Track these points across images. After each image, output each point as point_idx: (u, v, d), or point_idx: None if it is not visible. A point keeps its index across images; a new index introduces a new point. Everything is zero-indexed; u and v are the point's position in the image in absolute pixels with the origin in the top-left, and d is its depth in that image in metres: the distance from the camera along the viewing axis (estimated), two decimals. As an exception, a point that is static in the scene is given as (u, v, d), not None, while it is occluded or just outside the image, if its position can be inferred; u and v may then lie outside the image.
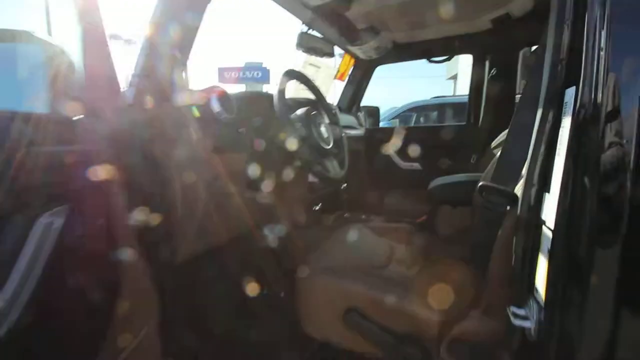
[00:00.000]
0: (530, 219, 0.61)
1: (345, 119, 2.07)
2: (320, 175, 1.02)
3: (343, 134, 1.62)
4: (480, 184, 0.70)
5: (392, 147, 2.25)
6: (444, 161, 2.13)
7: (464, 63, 11.87)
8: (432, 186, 1.31)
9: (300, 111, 1.10)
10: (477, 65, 2.04)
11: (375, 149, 2.29)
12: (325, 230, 1.54)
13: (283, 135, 0.99)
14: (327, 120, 1.23)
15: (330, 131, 1.20)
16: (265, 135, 1.05)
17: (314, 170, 0.99)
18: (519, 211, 0.64)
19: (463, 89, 12.12)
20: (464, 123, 2.18)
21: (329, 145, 1.13)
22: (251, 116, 1.03)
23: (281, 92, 0.99)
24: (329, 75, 2.12)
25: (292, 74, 1.10)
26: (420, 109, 5.28)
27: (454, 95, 5.51)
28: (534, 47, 2.01)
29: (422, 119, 5.48)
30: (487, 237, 0.71)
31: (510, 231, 0.69)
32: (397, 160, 2.23)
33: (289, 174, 1.18)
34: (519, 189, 0.69)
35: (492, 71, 1.92)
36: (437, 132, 2.19)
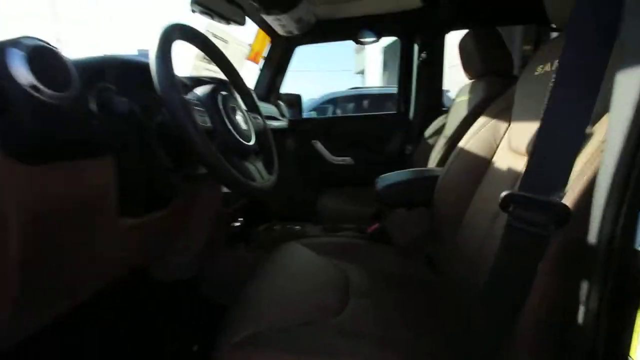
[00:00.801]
0: (614, 249, 0.37)
1: (263, 108, 1.71)
2: (241, 186, 0.66)
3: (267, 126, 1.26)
4: (506, 193, 0.44)
5: (320, 140, 1.96)
6: (378, 153, 1.93)
7: (371, 59, 12.43)
8: (381, 187, 1.05)
9: (201, 90, 0.70)
10: (406, 49, 1.88)
11: (301, 143, 1.98)
12: (250, 258, 1.17)
13: (175, 126, 0.59)
14: (244, 107, 0.86)
15: (250, 122, 0.84)
16: (141, 128, 0.63)
17: (228, 180, 0.62)
18: (592, 236, 0.39)
19: (371, 83, 12.72)
20: (394, 112, 2.01)
21: (249, 141, 0.77)
22: (112, 96, 0.60)
23: (163, 53, 0.59)
24: (240, 55, 1.71)
25: (182, 31, 0.68)
26: (338, 100, 5.17)
27: (371, 87, 5.55)
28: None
29: (339, 111, 5.40)
30: (514, 276, 0.45)
31: (561, 266, 0.44)
32: (327, 154, 1.96)
33: (187, 186, 0.78)
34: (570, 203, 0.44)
35: (422, 55, 1.77)
36: (367, 122, 1.99)
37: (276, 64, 1.92)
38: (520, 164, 0.73)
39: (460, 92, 1.55)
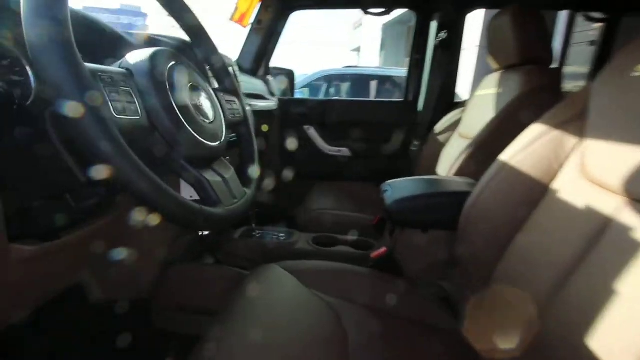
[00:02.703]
0: None
1: (248, 83, 1.42)
2: (190, 217, 0.41)
3: (248, 108, 0.99)
4: None
5: (313, 125, 1.70)
6: (379, 147, 1.69)
7: (368, 35, 11.89)
8: (391, 201, 0.82)
9: (134, 57, 0.43)
10: (422, 26, 1.60)
11: (291, 128, 1.71)
12: (218, 276, 0.94)
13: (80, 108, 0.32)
14: (210, 84, 0.59)
15: (221, 109, 0.57)
16: (33, 121, 0.36)
17: (164, 210, 0.37)
18: None
19: (367, 61, 12.22)
20: (401, 100, 1.76)
21: (216, 139, 0.50)
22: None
23: None
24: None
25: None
26: (332, 78, 4.83)
27: (367, 67, 5.21)
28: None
29: (332, 90, 5.07)
30: None
31: None
32: (321, 143, 1.70)
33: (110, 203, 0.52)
34: None
35: (440, 35, 1.50)
36: (368, 109, 1.72)
37: (267, 30, 1.61)
38: (607, 202, 0.51)
39: (484, 84, 1.31)
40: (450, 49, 1.51)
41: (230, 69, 0.98)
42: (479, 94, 1.32)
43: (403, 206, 0.81)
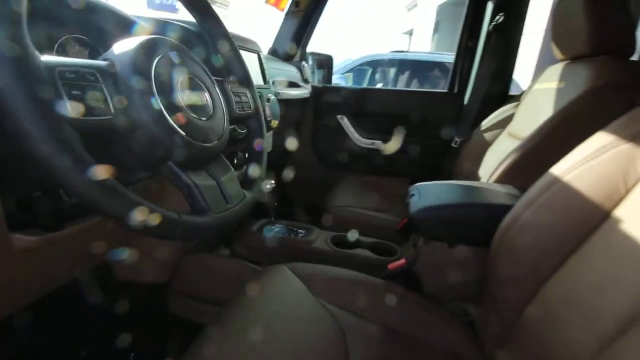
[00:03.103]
0: None
1: (281, 70, 1.37)
2: (171, 225, 0.37)
3: (272, 97, 0.94)
4: None
5: (347, 115, 1.61)
6: (416, 142, 1.56)
7: (423, 17, 11.18)
8: (416, 208, 0.73)
9: (121, 47, 0.38)
10: (475, 7, 1.42)
11: (324, 117, 1.64)
12: (231, 268, 0.92)
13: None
14: (216, 74, 0.54)
15: (220, 100, 0.52)
16: None
17: (114, 214, 0.33)
18: None
19: (418, 46, 11.54)
20: (444, 90, 1.60)
21: (213, 139, 0.46)
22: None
23: None
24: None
25: None
26: (377, 63, 4.63)
27: (417, 52, 4.90)
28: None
29: (377, 76, 4.86)
30: None
31: None
32: (354, 134, 1.62)
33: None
34: None
35: (498, 18, 1.32)
36: (408, 99, 1.59)
37: (305, 13, 1.53)
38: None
39: (545, 77, 1.13)
40: (506, 35, 1.33)
41: (250, 54, 0.94)
42: (537, 87, 1.15)
43: (429, 216, 0.72)
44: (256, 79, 0.96)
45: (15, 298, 0.52)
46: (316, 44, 1.67)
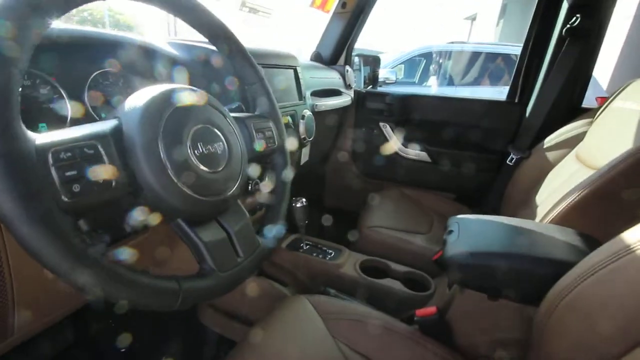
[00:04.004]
0: None
1: (323, 78, 1.32)
2: (165, 297, 0.36)
3: (296, 120, 0.91)
4: None
5: (390, 123, 1.52)
6: (466, 155, 1.43)
7: (489, 0, 10.19)
8: (454, 251, 0.66)
9: (134, 103, 0.37)
10: (544, 4, 1.23)
11: (366, 125, 1.57)
12: (255, 286, 0.92)
13: None
14: (224, 121, 0.50)
15: (239, 145, 0.48)
16: None
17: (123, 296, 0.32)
18: None
19: (481, 34, 10.60)
20: (502, 99, 1.44)
21: (224, 191, 0.43)
22: None
23: None
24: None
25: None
26: (431, 55, 4.35)
27: (478, 43, 4.50)
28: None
29: (431, 68, 4.57)
30: None
31: None
32: (396, 143, 1.53)
33: None
34: None
35: (574, 20, 1.13)
36: (460, 108, 1.46)
37: (352, 14, 1.45)
38: None
39: (629, 93, 0.96)
40: (583, 40, 1.14)
41: (286, 71, 0.90)
42: (618, 105, 0.98)
43: (468, 263, 0.64)
44: (291, 95, 0.93)
45: (60, 306, 0.55)
46: (369, 36, 1.59)
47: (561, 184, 0.99)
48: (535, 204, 1.04)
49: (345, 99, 1.38)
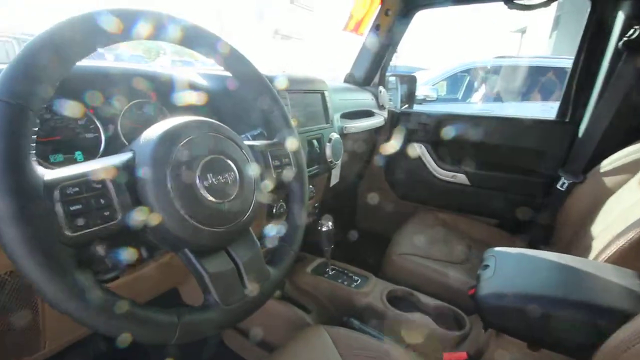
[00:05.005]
0: None
1: (355, 100, 1.31)
2: (162, 331, 0.36)
3: (323, 143, 0.91)
4: None
5: (426, 144, 1.47)
6: (509, 179, 1.33)
7: (540, 13, 9.69)
8: (488, 292, 0.59)
9: (149, 136, 0.39)
10: (599, 17, 1.13)
11: (400, 144, 1.52)
12: (279, 310, 0.91)
13: None
14: (237, 150, 0.49)
15: (251, 174, 0.47)
16: None
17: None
18: None
19: (530, 47, 10.02)
20: (552, 118, 1.33)
21: (233, 221, 0.43)
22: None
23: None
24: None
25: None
26: (477, 71, 4.18)
27: (526, 57, 4.26)
28: None
29: (475, 85, 4.39)
30: None
31: None
32: (432, 165, 1.46)
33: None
34: None
35: (632, 32, 1.02)
36: (503, 128, 1.37)
37: (386, 36, 1.44)
38: None
39: None
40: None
41: (313, 95, 0.90)
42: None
43: (504, 306, 0.57)
44: (318, 119, 0.94)
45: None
46: (411, 53, 1.57)
47: (621, 214, 0.87)
48: (591, 236, 0.93)
49: (377, 120, 1.36)
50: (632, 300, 0.53)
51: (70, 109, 0.51)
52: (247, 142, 0.52)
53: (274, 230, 0.57)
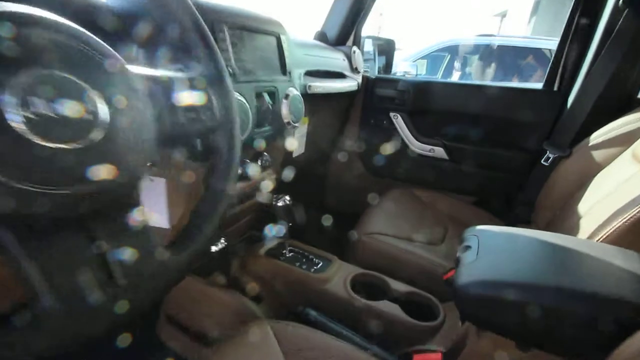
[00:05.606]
0: None
1: (325, 58, 1.14)
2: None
3: (278, 100, 0.74)
4: None
5: (402, 113, 1.33)
6: (491, 152, 1.22)
7: (520, -4, 9.62)
8: (467, 282, 0.47)
9: None
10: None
11: (374, 114, 1.38)
12: (226, 301, 0.76)
13: None
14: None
15: (139, 110, 0.31)
16: None
17: None
18: None
19: (510, 31, 10.01)
20: (539, 87, 1.21)
21: (79, 182, 0.27)
22: None
23: None
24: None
25: None
26: (457, 49, 4.06)
27: (508, 36, 4.16)
28: None
29: (457, 65, 4.28)
30: None
31: None
32: (409, 136, 1.33)
33: None
34: None
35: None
36: (486, 97, 1.24)
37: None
38: None
39: None
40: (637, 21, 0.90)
41: (266, 38, 0.73)
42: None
43: (487, 296, 0.45)
44: (270, 68, 0.76)
45: None
46: (390, 28, 1.40)
47: (614, 190, 0.77)
48: (578, 215, 0.83)
49: (350, 84, 1.20)
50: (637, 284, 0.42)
51: None
52: (147, 71, 0.35)
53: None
